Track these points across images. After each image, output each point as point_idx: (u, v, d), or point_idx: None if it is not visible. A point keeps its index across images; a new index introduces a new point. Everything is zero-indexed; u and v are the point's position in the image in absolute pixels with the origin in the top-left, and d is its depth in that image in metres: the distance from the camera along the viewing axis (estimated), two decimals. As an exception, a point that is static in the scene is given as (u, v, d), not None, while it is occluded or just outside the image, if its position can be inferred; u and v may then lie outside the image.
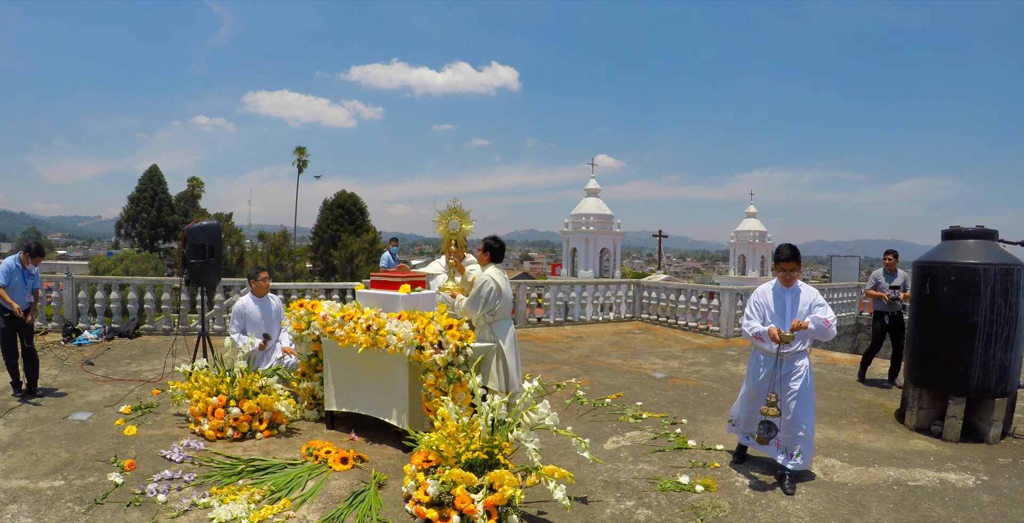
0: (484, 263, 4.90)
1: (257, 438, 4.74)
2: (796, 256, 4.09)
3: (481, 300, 4.69)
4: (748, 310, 4.22)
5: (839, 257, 23.12)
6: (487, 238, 4.95)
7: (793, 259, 4.05)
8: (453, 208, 4.98)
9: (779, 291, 4.11)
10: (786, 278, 4.08)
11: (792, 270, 4.05)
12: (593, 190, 31.68)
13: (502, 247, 4.96)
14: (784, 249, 4.06)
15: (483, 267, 4.90)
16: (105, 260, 36.50)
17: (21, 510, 3.44)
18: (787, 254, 4.04)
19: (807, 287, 4.08)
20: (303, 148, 50.45)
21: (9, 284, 5.80)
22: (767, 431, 3.82)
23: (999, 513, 3.67)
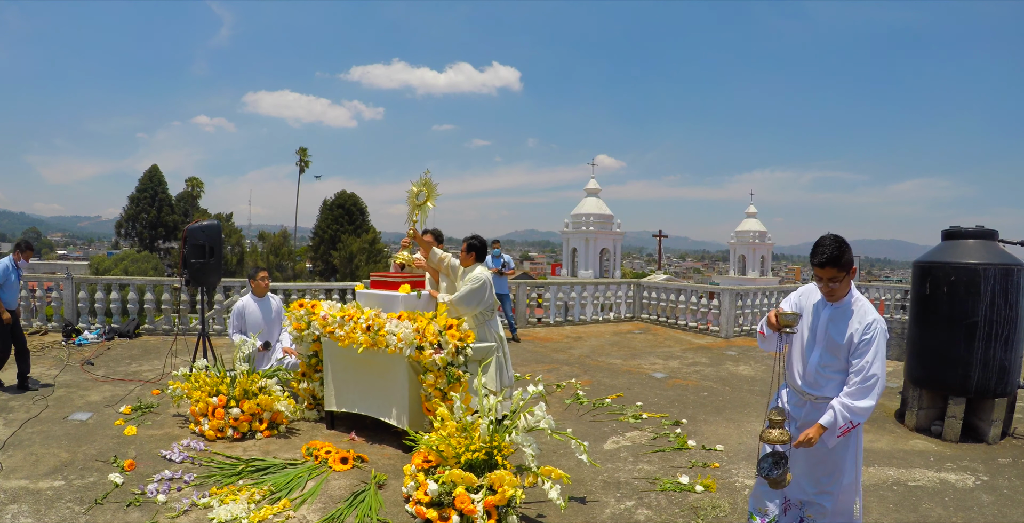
0: (469, 263, 4.89)
1: (257, 438, 4.74)
2: (836, 260, 2.53)
3: (476, 298, 4.71)
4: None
5: (839, 257, 23.14)
6: (469, 238, 4.93)
7: (832, 264, 2.54)
8: (425, 180, 4.94)
9: (820, 304, 2.73)
10: (825, 290, 2.67)
11: (832, 280, 2.58)
12: (593, 190, 31.70)
13: (484, 246, 5.01)
14: (821, 247, 2.58)
15: (468, 267, 4.89)
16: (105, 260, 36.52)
17: (21, 510, 3.44)
18: (821, 257, 2.56)
19: (864, 308, 2.62)
20: (305, 149, 50.48)
21: (5, 283, 6.03)
22: (774, 466, 2.68)
23: (999, 513, 3.67)
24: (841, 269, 2.57)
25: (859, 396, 2.52)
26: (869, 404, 2.52)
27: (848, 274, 2.61)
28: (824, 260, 2.56)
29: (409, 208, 4.99)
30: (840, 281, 2.60)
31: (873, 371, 2.53)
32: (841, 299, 2.67)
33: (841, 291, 2.65)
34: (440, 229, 5.42)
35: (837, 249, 2.54)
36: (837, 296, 2.67)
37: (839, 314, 2.66)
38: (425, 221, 5.03)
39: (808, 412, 2.74)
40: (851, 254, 2.61)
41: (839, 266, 2.57)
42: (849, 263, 2.59)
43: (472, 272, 4.82)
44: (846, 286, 2.65)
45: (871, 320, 2.58)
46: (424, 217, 4.97)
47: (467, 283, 4.74)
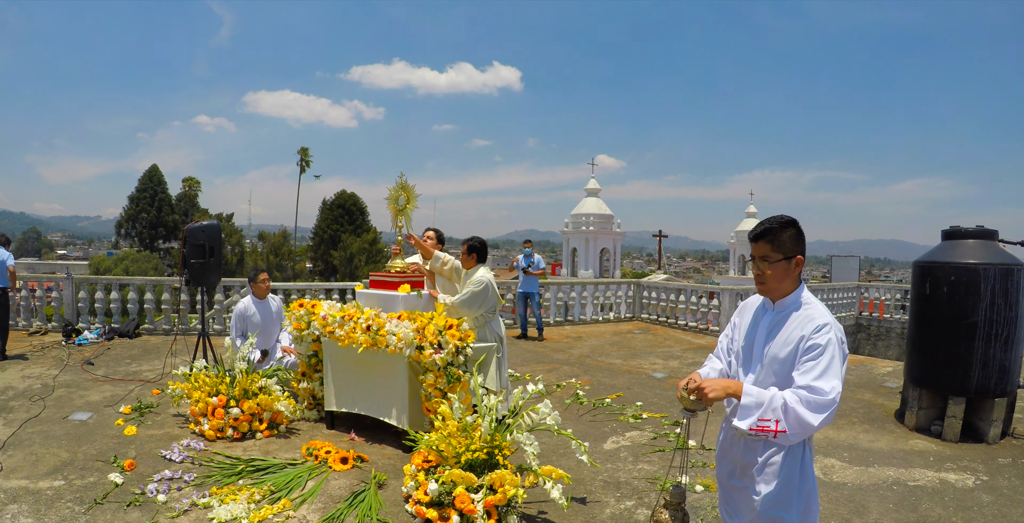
0: (471, 265, 4.89)
1: (257, 438, 4.74)
2: (771, 233, 2.07)
3: (479, 300, 4.71)
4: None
5: (839, 257, 23.13)
6: (470, 240, 4.93)
7: (765, 238, 2.08)
8: (401, 184, 4.92)
9: (760, 310, 2.21)
10: (755, 274, 2.14)
11: (764, 259, 2.08)
12: (593, 190, 31.69)
13: (485, 246, 5.02)
14: (762, 221, 2.13)
15: (470, 269, 4.89)
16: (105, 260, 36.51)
17: (21, 510, 3.44)
18: (755, 229, 2.12)
19: (813, 312, 2.05)
20: (306, 149, 50.48)
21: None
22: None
23: (999, 513, 3.67)
24: (777, 248, 2.05)
25: (806, 406, 1.88)
26: (812, 420, 1.86)
27: (787, 261, 2.06)
28: (756, 232, 2.09)
29: (392, 214, 4.98)
30: (773, 264, 2.06)
31: (822, 385, 1.89)
32: (784, 299, 2.10)
33: (777, 283, 2.08)
34: (439, 229, 5.40)
35: (778, 224, 2.07)
36: (772, 290, 2.10)
37: (781, 321, 2.08)
38: (410, 225, 5.00)
39: (743, 451, 2.12)
40: (797, 239, 2.07)
41: (774, 243, 2.06)
42: (790, 245, 2.06)
43: (474, 275, 4.81)
44: (784, 278, 2.08)
45: (821, 323, 1.98)
46: (408, 221, 4.96)
47: (468, 286, 4.73)
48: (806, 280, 2.21)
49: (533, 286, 9.91)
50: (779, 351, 2.05)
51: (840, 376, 1.94)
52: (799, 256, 2.07)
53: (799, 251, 2.08)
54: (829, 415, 1.89)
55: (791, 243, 2.06)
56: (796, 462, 2.07)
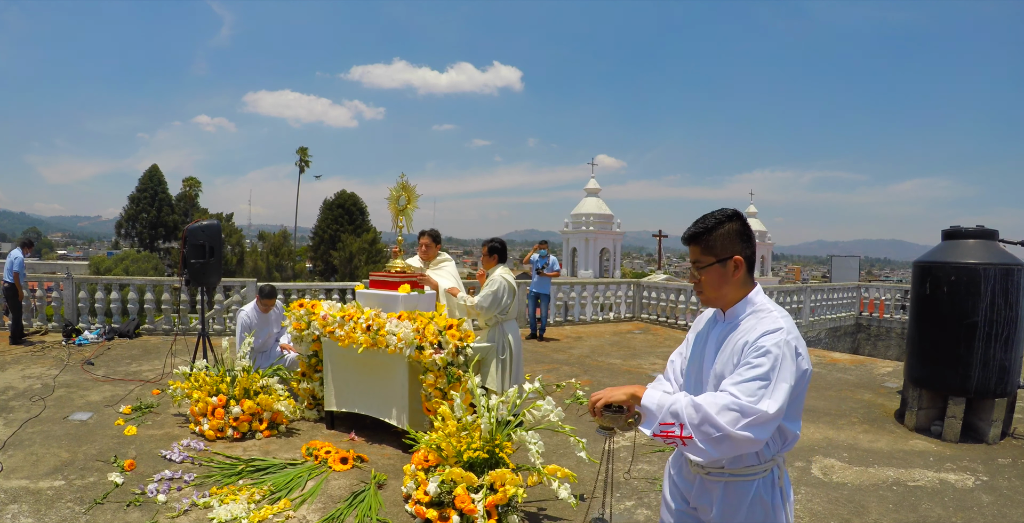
0: (491, 265, 5.00)
1: (257, 438, 4.74)
2: (699, 237, 1.78)
3: (498, 301, 4.77)
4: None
5: (839, 257, 23.14)
6: (491, 242, 5.05)
7: (695, 241, 1.80)
8: (402, 184, 4.92)
9: (710, 323, 1.91)
10: (692, 282, 1.86)
11: (696, 265, 1.81)
12: (593, 190, 31.69)
13: (505, 247, 5.09)
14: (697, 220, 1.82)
15: (490, 269, 4.99)
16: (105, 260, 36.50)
17: (21, 510, 3.44)
18: (687, 231, 1.82)
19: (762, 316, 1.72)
20: (305, 149, 50.50)
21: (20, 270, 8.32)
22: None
23: (999, 513, 3.67)
24: (707, 251, 1.75)
25: (719, 411, 1.55)
26: (726, 428, 1.52)
27: (721, 264, 1.74)
28: (686, 234, 1.80)
29: (392, 214, 4.99)
30: (704, 269, 1.76)
31: (740, 393, 1.56)
32: (733, 307, 1.78)
33: (714, 290, 1.78)
34: (436, 230, 5.39)
35: (708, 224, 1.76)
36: (712, 298, 1.81)
37: (729, 332, 1.76)
38: (411, 225, 5.01)
39: (699, 492, 1.82)
40: (734, 236, 1.74)
41: (704, 245, 1.76)
42: (724, 245, 1.74)
43: (492, 274, 4.91)
44: (722, 283, 1.76)
45: (772, 328, 1.65)
46: (409, 221, 4.97)
47: (486, 286, 4.83)
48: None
49: (546, 287, 9.92)
50: (723, 368, 1.71)
51: (780, 388, 1.56)
52: (737, 256, 1.74)
53: (737, 250, 1.74)
54: (754, 427, 1.53)
55: (725, 242, 1.74)
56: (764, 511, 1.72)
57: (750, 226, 1.80)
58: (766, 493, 1.73)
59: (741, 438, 1.53)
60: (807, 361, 1.68)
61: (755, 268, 1.81)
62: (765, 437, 1.55)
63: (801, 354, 1.66)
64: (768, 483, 1.74)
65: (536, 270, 9.97)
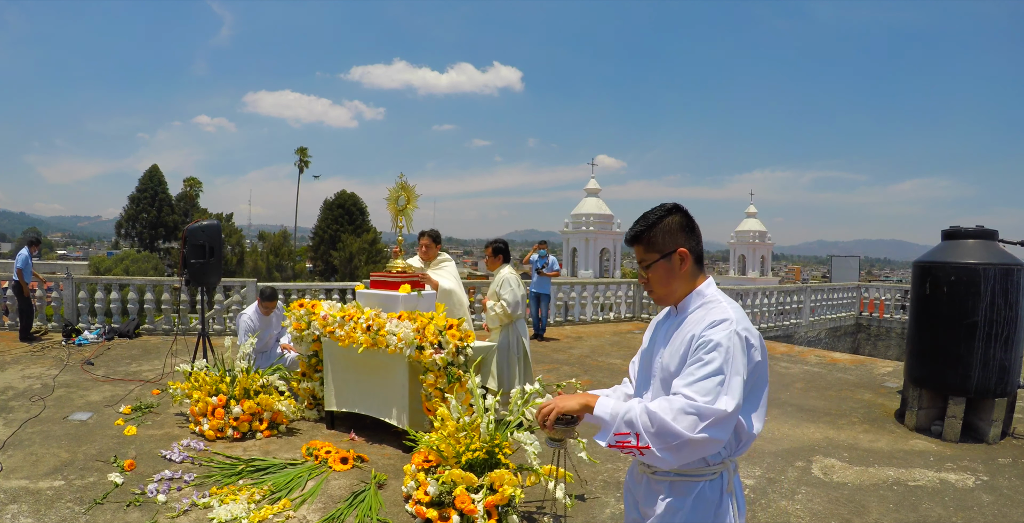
0: (497, 265, 5.12)
1: (257, 438, 4.74)
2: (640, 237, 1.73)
3: (519, 298, 4.96)
4: None
5: (839, 257, 23.14)
6: (493, 243, 5.14)
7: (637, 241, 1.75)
8: (401, 184, 4.92)
9: (662, 320, 1.84)
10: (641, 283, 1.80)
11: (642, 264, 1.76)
12: (593, 190, 31.70)
13: (508, 247, 5.24)
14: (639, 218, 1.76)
15: (496, 269, 5.10)
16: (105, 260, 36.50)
17: (21, 510, 3.44)
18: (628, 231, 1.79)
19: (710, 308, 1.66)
20: (304, 148, 50.52)
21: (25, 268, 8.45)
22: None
23: (999, 513, 3.67)
24: (649, 248, 1.71)
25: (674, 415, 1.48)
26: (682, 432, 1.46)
27: (666, 259, 1.69)
28: (628, 235, 1.78)
29: (392, 214, 4.98)
30: (650, 267, 1.71)
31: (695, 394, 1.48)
32: (683, 301, 1.72)
33: (663, 287, 1.72)
34: (436, 230, 5.40)
35: (651, 219, 1.72)
36: (662, 296, 1.75)
37: (677, 326, 1.70)
38: (411, 225, 5.01)
39: (646, 493, 1.74)
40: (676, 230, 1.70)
41: (646, 243, 1.72)
42: (666, 239, 1.69)
43: (500, 273, 5.05)
44: (670, 279, 1.70)
45: (719, 319, 1.58)
46: (409, 221, 4.97)
47: (501, 287, 4.97)
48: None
49: (546, 287, 9.94)
50: (670, 360, 1.65)
51: (734, 383, 1.50)
52: (681, 249, 1.69)
53: (680, 243, 1.69)
54: (713, 427, 1.46)
55: (667, 237, 1.70)
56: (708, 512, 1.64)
57: (692, 218, 1.75)
58: (712, 493, 1.65)
59: (701, 440, 1.46)
60: (760, 352, 1.60)
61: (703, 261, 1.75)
62: (725, 436, 1.49)
63: (753, 345, 1.58)
64: (716, 486, 1.65)
65: (536, 270, 9.99)
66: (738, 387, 1.50)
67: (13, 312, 9.54)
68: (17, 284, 8.54)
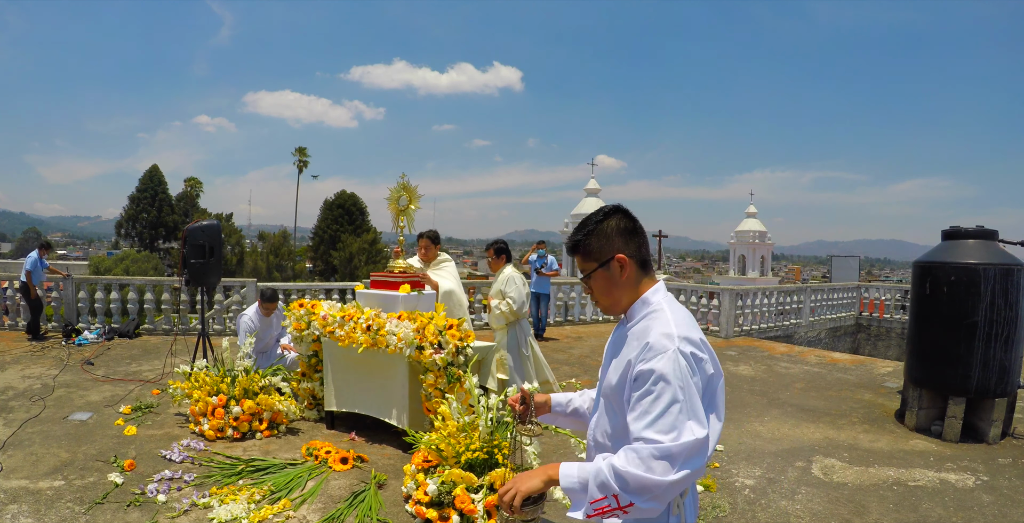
0: (500, 266, 5.18)
1: (257, 438, 4.74)
2: (579, 247, 1.62)
3: (523, 296, 5.06)
4: None
5: (839, 257, 23.14)
6: (495, 243, 5.21)
7: (573, 251, 1.65)
8: (403, 184, 4.91)
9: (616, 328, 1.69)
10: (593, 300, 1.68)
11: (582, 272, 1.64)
12: (593, 190, 31.69)
13: (508, 247, 5.36)
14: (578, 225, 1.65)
15: (499, 270, 5.15)
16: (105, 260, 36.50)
17: (21, 510, 3.44)
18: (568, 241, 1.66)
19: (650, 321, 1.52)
20: (303, 148, 50.50)
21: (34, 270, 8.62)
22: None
23: (999, 513, 3.67)
24: (587, 257, 1.59)
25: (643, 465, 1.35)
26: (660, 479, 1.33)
27: (604, 267, 1.57)
28: (568, 244, 1.66)
29: (393, 214, 4.98)
30: (592, 278, 1.60)
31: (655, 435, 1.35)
32: (628, 310, 1.60)
33: (606, 297, 1.61)
34: (435, 231, 5.41)
35: (589, 225, 1.60)
36: (608, 306, 1.63)
37: (622, 338, 1.58)
38: (412, 225, 5.00)
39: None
40: (613, 235, 1.57)
41: (584, 252, 1.60)
42: (603, 246, 1.57)
43: (502, 273, 5.14)
44: (611, 288, 1.59)
45: (653, 341, 1.43)
46: (411, 221, 4.96)
47: (505, 285, 5.05)
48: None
49: (546, 287, 9.96)
50: (613, 375, 1.55)
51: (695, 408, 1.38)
52: (619, 255, 1.56)
53: (618, 249, 1.57)
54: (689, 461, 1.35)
55: (604, 243, 1.57)
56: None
57: (636, 220, 1.61)
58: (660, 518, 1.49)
59: (683, 478, 1.35)
60: (712, 362, 1.48)
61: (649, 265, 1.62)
62: (705, 462, 1.41)
63: (702, 358, 1.45)
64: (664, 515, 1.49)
65: (535, 270, 10.01)
66: (700, 410, 1.39)
67: (13, 312, 9.59)
68: (24, 285, 8.65)
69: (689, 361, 1.42)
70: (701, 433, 1.36)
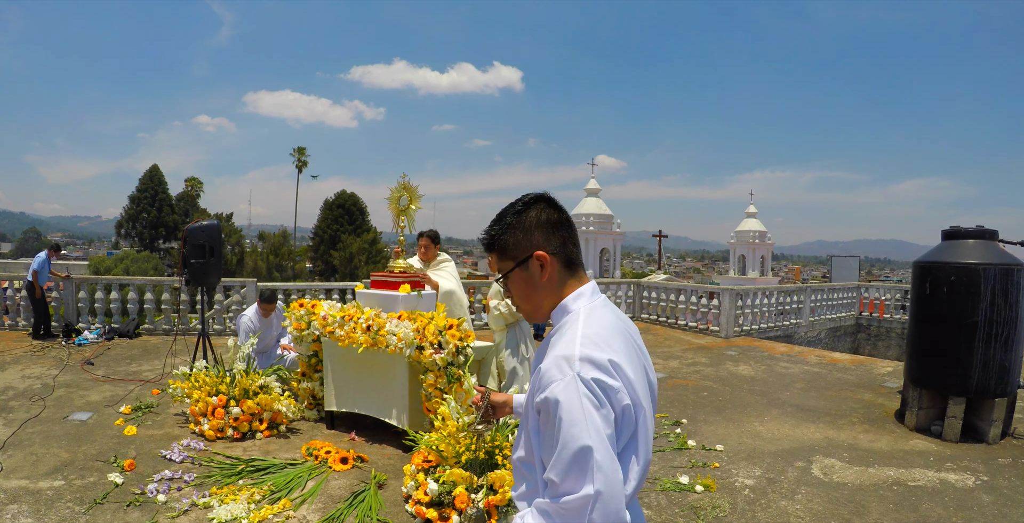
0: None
1: (257, 438, 4.74)
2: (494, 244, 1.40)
3: None
4: None
5: (839, 257, 23.13)
6: None
7: (489, 249, 1.42)
8: (403, 184, 4.90)
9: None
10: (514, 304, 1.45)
11: (499, 272, 1.42)
12: (593, 190, 31.70)
13: None
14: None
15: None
16: (105, 260, 36.50)
17: (21, 510, 3.44)
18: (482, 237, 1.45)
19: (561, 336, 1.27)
20: (303, 148, 50.51)
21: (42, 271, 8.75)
22: None
23: (999, 513, 3.67)
24: (504, 255, 1.37)
25: (555, 518, 1.15)
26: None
27: (522, 266, 1.35)
28: (483, 240, 1.43)
29: (393, 214, 4.97)
30: (510, 279, 1.38)
31: (561, 482, 1.13)
32: (548, 318, 1.39)
33: (527, 301, 1.39)
34: (435, 231, 5.40)
35: (507, 218, 1.38)
36: (531, 311, 1.41)
37: (542, 354, 1.34)
38: (413, 225, 5.00)
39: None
40: (532, 229, 1.35)
41: (500, 250, 1.38)
42: (520, 242, 1.35)
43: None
44: (531, 290, 1.37)
45: (546, 363, 1.22)
46: (411, 221, 4.96)
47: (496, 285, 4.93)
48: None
49: None
50: (528, 395, 1.32)
51: (596, 454, 1.10)
52: (538, 252, 1.33)
53: (537, 245, 1.34)
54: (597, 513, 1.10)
55: (522, 238, 1.34)
56: None
57: (563, 210, 1.39)
58: None
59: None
60: (630, 391, 1.19)
61: (576, 263, 1.38)
62: (620, 512, 1.13)
63: (612, 385, 1.16)
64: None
65: None
66: (604, 456, 1.11)
67: (13, 312, 9.58)
68: (31, 284, 8.69)
69: (592, 390, 1.14)
70: (591, 490, 1.10)
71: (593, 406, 1.13)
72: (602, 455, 1.11)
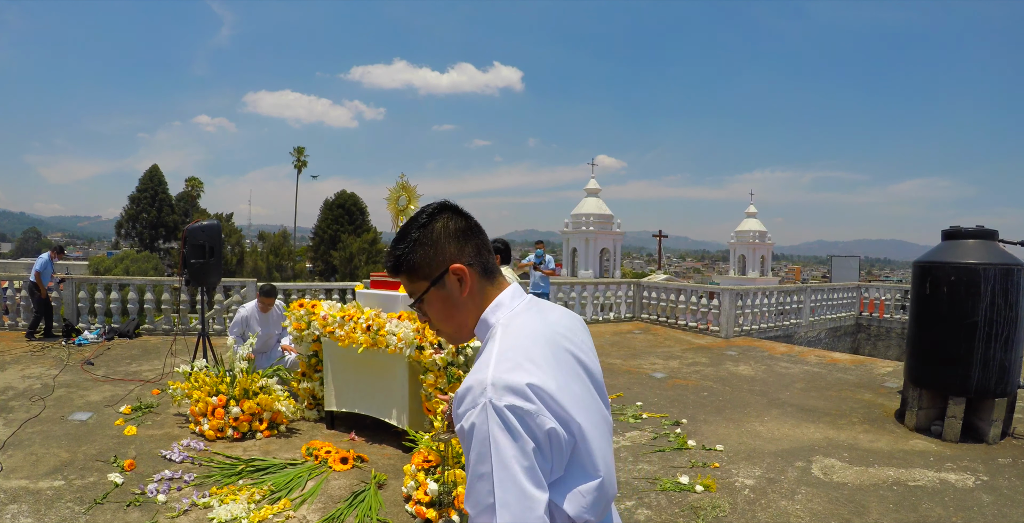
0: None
1: (257, 438, 4.74)
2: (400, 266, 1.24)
3: None
4: None
5: (839, 257, 23.13)
6: (494, 242, 5.13)
7: (395, 272, 1.26)
8: (402, 184, 4.90)
9: None
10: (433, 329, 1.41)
11: (412, 294, 1.26)
12: (593, 190, 31.70)
13: (508, 248, 5.20)
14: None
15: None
16: (105, 260, 36.50)
17: (21, 510, 3.44)
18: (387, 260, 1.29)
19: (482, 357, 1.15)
20: (302, 148, 50.52)
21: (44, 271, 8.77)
22: None
23: (999, 513, 3.67)
24: (415, 276, 1.24)
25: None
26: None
27: (437, 286, 1.23)
28: (388, 263, 1.29)
29: (392, 214, 4.98)
30: (426, 301, 1.25)
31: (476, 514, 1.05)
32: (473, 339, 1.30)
33: (447, 324, 1.28)
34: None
35: (411, 234, 1.24)
36: (452, 334, 1.29)
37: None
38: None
39: None
40: (441, 243, 1.22)
41: (409, 272, 1.24)
42: (431, 260, 1.22)
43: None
44: (451, 311, 1.25)
45: (461, 388, 1.12)
46: None
47: None
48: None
49: (544, 287, 9.98)
50: None
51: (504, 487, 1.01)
52: (454, 265, 1.22)
53: (451, 258, 1.22)
54: None
55: (432, 253, 1.22)
56: None
57: (469, 216, 1.28)
58: None
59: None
60: (553, 416, 1.06)
61: (493, 270, 1.27)
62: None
63: (529, 411, 1.03)
64: None
65: (533, 267, 10.07)
66: (512, 489, 1.01)
67: (13, 312, 9.59)
68: (34, 285, 8.69)
69: (504, 419, 1.02)
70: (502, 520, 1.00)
71: (505, 438, 1.02)
72: (506, 491, 1.01)
